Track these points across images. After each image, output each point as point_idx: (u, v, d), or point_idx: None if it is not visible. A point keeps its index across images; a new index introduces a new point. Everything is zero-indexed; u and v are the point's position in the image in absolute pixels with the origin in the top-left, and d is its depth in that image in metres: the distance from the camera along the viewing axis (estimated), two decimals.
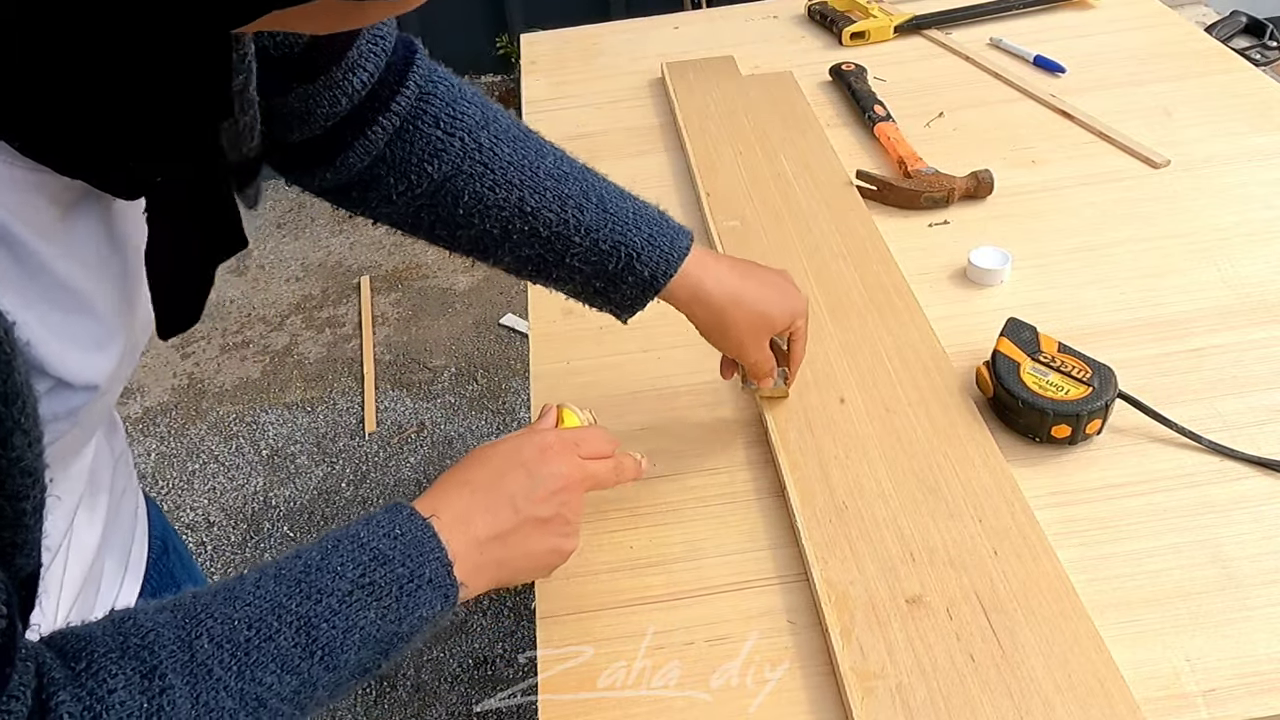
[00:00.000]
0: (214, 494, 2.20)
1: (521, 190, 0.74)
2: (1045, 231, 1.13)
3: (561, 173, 0.76)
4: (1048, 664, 0.68)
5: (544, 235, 0.75)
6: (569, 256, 0.76)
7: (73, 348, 0.50)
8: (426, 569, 0.58)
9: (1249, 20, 2.05)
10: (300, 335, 2.61)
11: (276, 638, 0.52)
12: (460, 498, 0.63)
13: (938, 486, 0.82)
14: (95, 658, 0.48)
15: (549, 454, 0.67)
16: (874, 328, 0.99)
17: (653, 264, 0.77)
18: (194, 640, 0.50)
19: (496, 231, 0.75)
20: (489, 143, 0.74)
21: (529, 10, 3.33)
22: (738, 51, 1.56)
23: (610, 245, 0.76)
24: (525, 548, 0.65)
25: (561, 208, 0.75)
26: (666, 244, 0.77)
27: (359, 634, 0.55)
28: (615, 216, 0.76)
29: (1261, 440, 0.85)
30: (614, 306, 0.81)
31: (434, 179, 0.74)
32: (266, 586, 0.54)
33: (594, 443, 0.71)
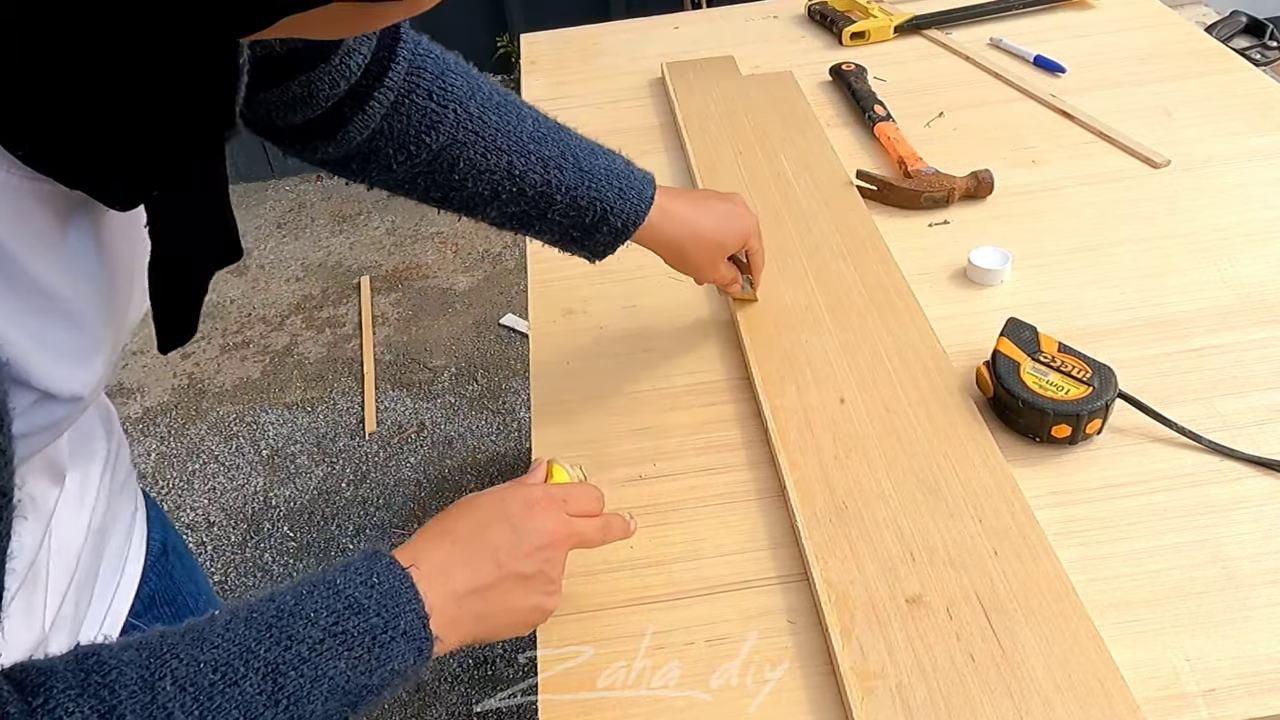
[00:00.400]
0: (214, 494, 2.20)
1: (510, 155, 0.80)
2: (1045, 231, 1.13)
3: (541, 134, 0.81)
4: (1048, 664, 0.68)
5: (529, 194, 0.81)
6: (551, 212, 0.83)
7: (58, 360, 0.50)
8: (401, 620, 0.57)
9: (1249, 20, 2.05)
10: (300, 335, 2.61)
11: (241, 683, 0.51)
12: (441, 548, 0.63)
13: (938, 486, 0.82)
14: (54, 694, 0.47)
15: (535, 509, 0.66)
16: (874, 328, 0.99)
17: (624, 215, 0.84)
18: (156, 682, 0.49)
19: (487, 193, 0.81)
20: (478, 111, 0.79)
21: (529, 10, 3.33)
22: (738, 51, 1.56)
23: (587, 201, 0.82)
24: (505, 603, 0.64)
25: (544, 169, 0.81)
26: (635, 195, 0.84)
27: (327, 684, 0.54)
28: (590, 174, 0.82)
29: (1261, 440, 0.85)
30: (588, 252, 0.88)
31: (431, 149, 0.78)
32: (236, 630, 0.53)
33: (582, 500, 0.71)
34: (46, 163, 0.46)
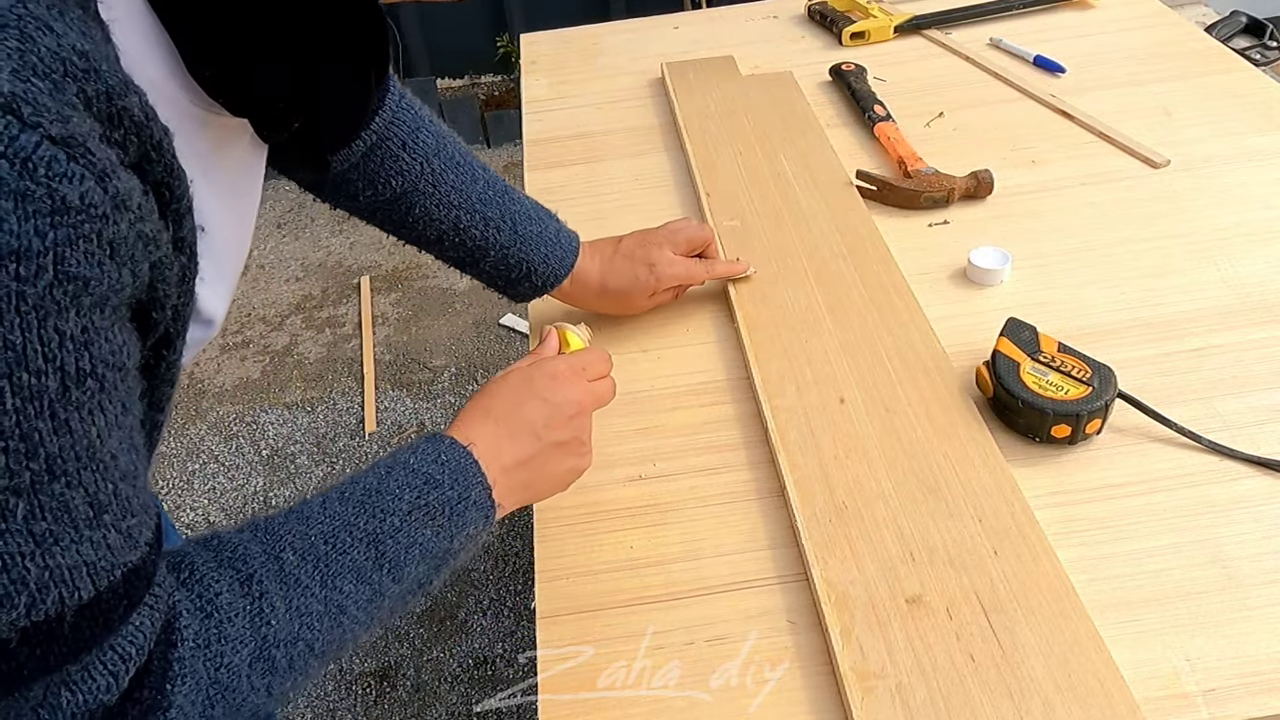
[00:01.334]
0: (214, 494, 2.20)
1: (457, 211, 0.92)
2: (1045, 231, 1.13)
3: (488, 197, 0.93)
4: (1048, 664, 0.68)
5: (468, 245, 0.94)
6: (483, 263, 0.95)
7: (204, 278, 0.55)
8: (472, 492, 0.65)
9: (1249, 20, 2.05)
10: (300, 335, 2.61)
11: (350, 551, 0.59)
12: (487, 427, 0.70)
13: (938, 486, 0.82)
14: (196, 566, 0.53)
15: (560, 382, 0.73)
16: (874, 328, 0.99)
17: (544, 276, 0.96)
18: (280, 553, 0.56)
19: (433, 236, 0.93)
20: (439, 168, 0.90)
21: (529, 10, 3.33)
22: (738, 51, 1.56)
23: (515, 260, 0.95)
24: (547, 470, 0.72)
25: (484, 228, 0.93)
26: (556, 262, 0.96)
27: (419, 549, 0.62)
28: (522, 238, 0.94)
29: (1261, 440, 0.85)
30: (510, 298, 1.00)
31: (394, 191, 0.89)
32: (333, 508, 0.60)
33: (597, 365, 0.78)
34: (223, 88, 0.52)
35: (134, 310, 0.45)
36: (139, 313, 0.46)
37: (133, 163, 0.43)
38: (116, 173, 0.41)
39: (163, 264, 0.45)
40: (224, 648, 0.52)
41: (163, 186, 0.46)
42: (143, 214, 0.43)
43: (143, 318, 0.46)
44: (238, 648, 0.53)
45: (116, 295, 0.42)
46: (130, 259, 0.42)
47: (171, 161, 0.46)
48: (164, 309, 0.47)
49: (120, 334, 0.43)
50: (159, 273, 0.45)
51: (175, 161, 0.46)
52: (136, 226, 0.42)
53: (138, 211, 0.42)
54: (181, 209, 0.47)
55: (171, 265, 0.46)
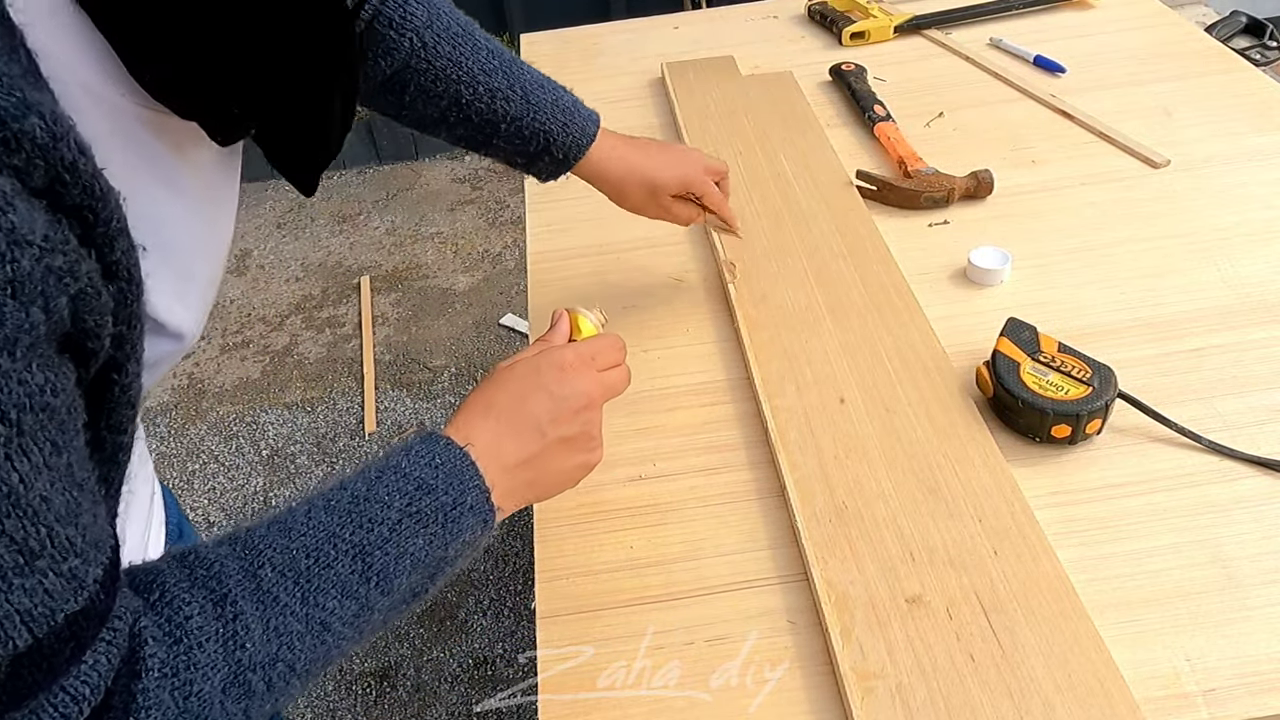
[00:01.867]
0: (214, 494, 2.20)
1: (458, 85, 0.85)
2: (1045, 231, 1.13)
3: (492, 67, 0.86)
4: (1048, 664, 0.68)
5: (475, 121, 0.87)
6: (496, 139, 0.89)
7: (166, 292, 0.53)
8: (468, 496, 0.61)
9: (1249, 20, 2.05)
10: (300, 335, 2.61)
11: (334, 565, 0.55)
12: (488, 424, 0.65)
13: (938, 486, 0.82)
14: (167, 588, 0.50)
15: (568, 373, 0.68)
16: (874, 328, 0.99)
17: (565, 147, 0.90)
18: (258, 570, 0.53)
19: (435, 115, 0.87)
20: (432, 41, 0.83)
21: (529, 10, 3.33)
22: (738, 51, 1.56)
23: (531, 131, 0.88)
24: (553, 467, 0.67)
25: (491, 99, 0.86)
26: (578, 130, 0.90)
27: (410, 559, 0.58)
28: (536, 106, 0.88)
29: (1261, 440, 0.85)
30: (535, 175, 0.94)
31: (385, 72, 0.83)
32: (318, 517, 0.56)
33: (608, 353, 0.72)
34: (166, 91, 0.48)
35: (61, 344, 0.42)
36: (69, 345, 0.43)
37: (39, 190, 0.40)
38: (13, 205, 0.38)
39: (86, 295, 0.42)
40: (194, 675, 0.49)
41: (83, 211, 0.42)
42: (52, 246, 0.40)
43: (75, 349, 0.43)
44: (209, 674, 0.50)
45: (27, 335, 0.39)
46: (40, 296, 0.39)
47: (91, 183, 0.42)
48: (99, 338, 0.44)
49: (41, 373, 0.40)
50: (83, 304, 0.42)
51: (97, 182, 0.42)
52: (44, 261, 0.39)
53: (44, 245, 0.39)
54: (111, 232, 0.43)
55: (99, 295, 0.43)
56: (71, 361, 0.43)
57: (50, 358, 0.41)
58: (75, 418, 0.43)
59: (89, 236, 0.42)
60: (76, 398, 0.43)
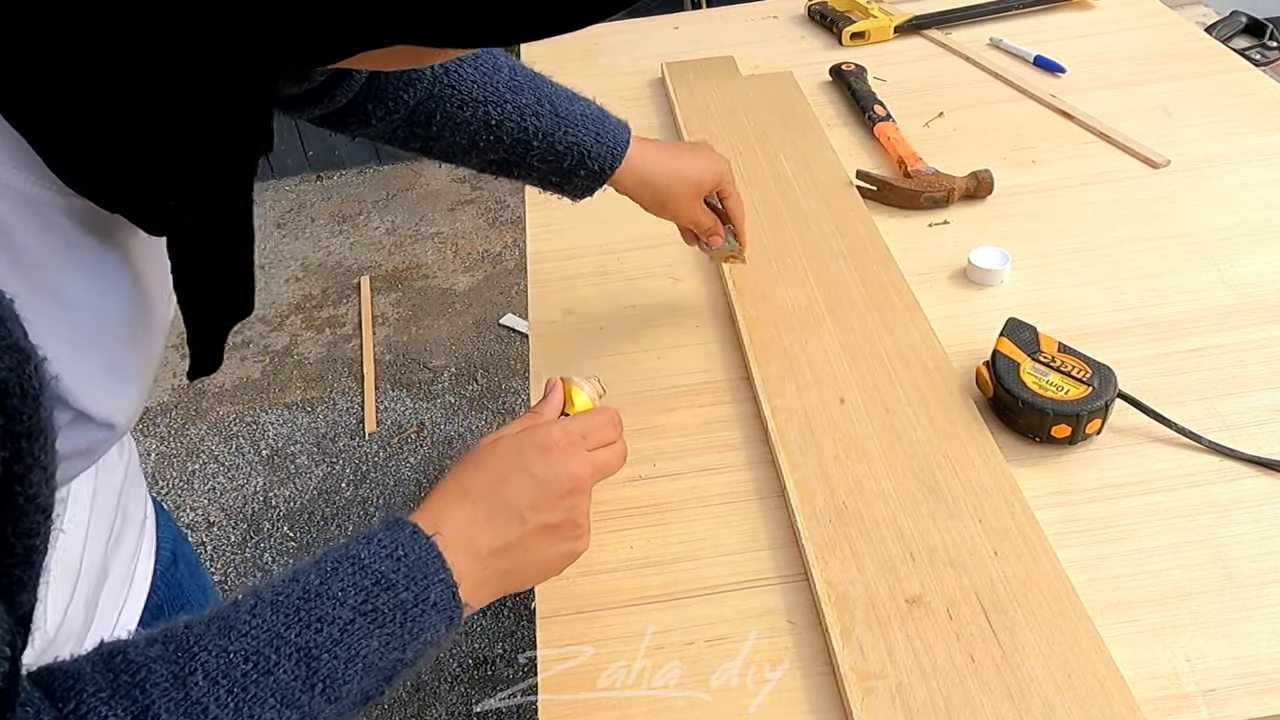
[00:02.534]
0: (214, 494, 2.20)
1: (485, 106, 0.82)
2: (1045, 231, 1.13)
3: (517, 84, 0.84)
4: (1048, 664, 0.68)
5: (507, 142, 0.84)
6: (529, 158, 0.85)
7: (89, 379, 0.49)
8: (431, 592, 0.56)
9: (1249, 20, 2.05)
10: (300, 335, 2.61)
11: (275, 671, 0.50)
12: (462, 510, 0.60)
13: (938, 487, 0.82)
14: (85, 698, 0.46)
15: (553, 454, 0.64)
16: (874, 328, 0.99)
17: (601, 158, 0.87)
18: (188, 677, 0.48)
19: (464, 142, 0.84)
20: (454, 65, 0.81)
21: None
22: (738, 51, 1.56)
23: (565, 146, 0.85)
24: (532, 556, 0.62)
25: (520, 117, 0.83)
26: (610, 139, 0.87)
27: (362, 663, 0.53)
28: (566, 119, 0.85)
29: (1261, 440, 0.85)
30: (568, 194, 0.90)
31: (409, 104, 0.81)
32: (263, 615, 0.51)
33: (601, 430, 0.68)
34: (85, 184, 0.45)
35: None
36: None
37: None
38: None
39: None
40: None
41: None
42: None
43: None
44: None
45: None
46: None
47: None
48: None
49: None
50: None
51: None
52: None
53: None
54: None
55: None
56: None
57: None
58: None
59: None
60: None
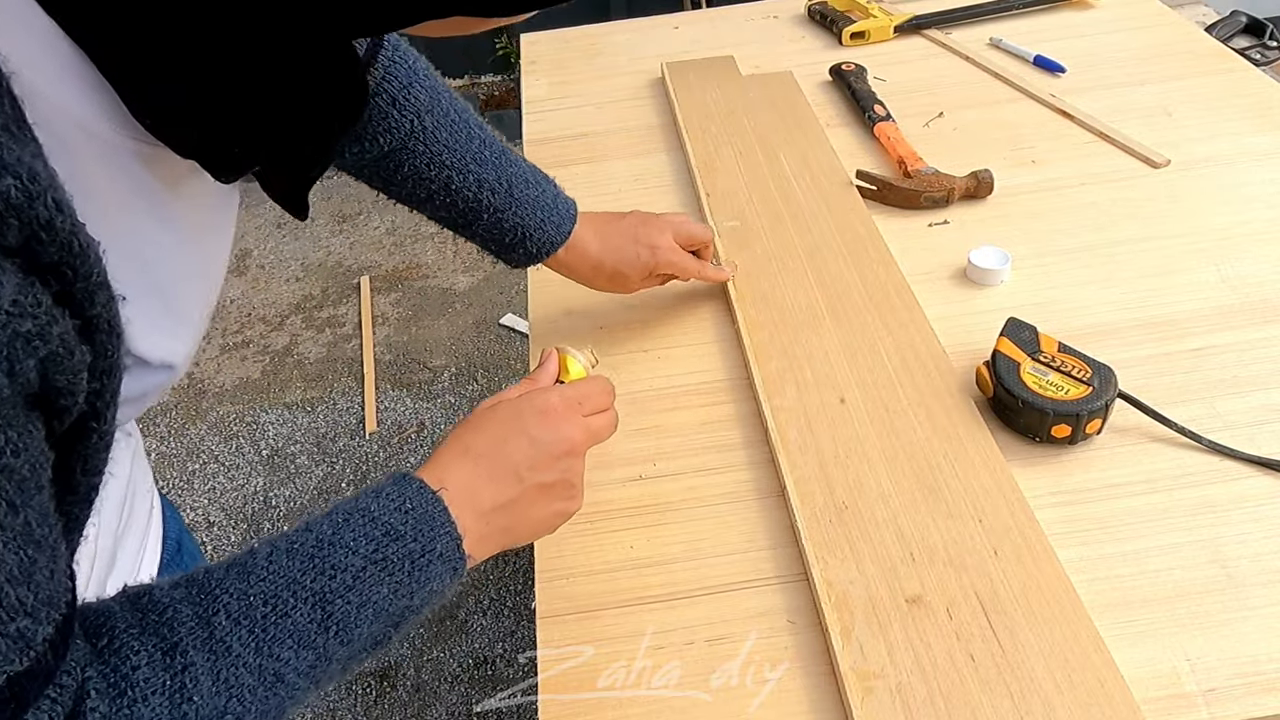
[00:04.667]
0: (214, 494, 2.20)
1: (449, 171, 0.87)
2: (1045, 231, 1.13)
3: (484, 158, 0.89)
4: (1048, 664, 0.68)
5: (460, 207, 0.89)
6: (476, 225, 0.91)
7: (150, 327, 0.51)
8: (438, 544, 0.59)
9: (1249, 20, 2.05)
10: (300, 335, 2.61)
11: (292, 614, 0.53)
12: (464, 467, 0.63)
13: (938, 486, 0.82)
14: (116, 634, 0.49)
15: (551, 418, 0.67)
16: (874, 328, 0.99)
17: (539, 243, 0.93)
18: (212, 617, 0.51)
19: (422, 195, 0.88)
20: (431, 126, 0.85)
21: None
22: (738, 51, 1.56)
23: (510, 225, 0.91)
24: (529, 514, 0.66)
25: (478, 189, 0.88)
26: (553, 228, 0.93)
27: (372, 608, 0.56)
28: (518, 201, 0.90)
29: (1261, 440, 0.85)
30: (508, 263, 0.96)
31: (382, 149, 0.84)
32: (279, 562, 0.54)
33: (595, 397, 0.71)
34: (164, 129, 0.47)
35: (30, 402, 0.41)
36: (39, 403, 0.42)
37: (12, 249, 0.39)
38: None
39: (58, 356, 0.41)
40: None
41: (60, 268, 0.41)
42: (21, 310, 0.39)
43: (46, 406, 0.42)
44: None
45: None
46: (4, 360, 0.38)
47: (69, 239, 0.41)
48: (73, 395, 0.43)
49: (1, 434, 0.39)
50: (54, 365, 0.41)
51: (76, 238, 0.41)
52: (10, 326, 0.38)
53: (11, 310, 0.38)
54: (90, 287, 0.43)
55: (71, 355, 0.42)
56: (42, 419, 0.42)
57: (13, 417, 0.40)
58: (39, 474, 0.42)
59: (66, 294, 0.42)
60: (42, 454, 0.42)
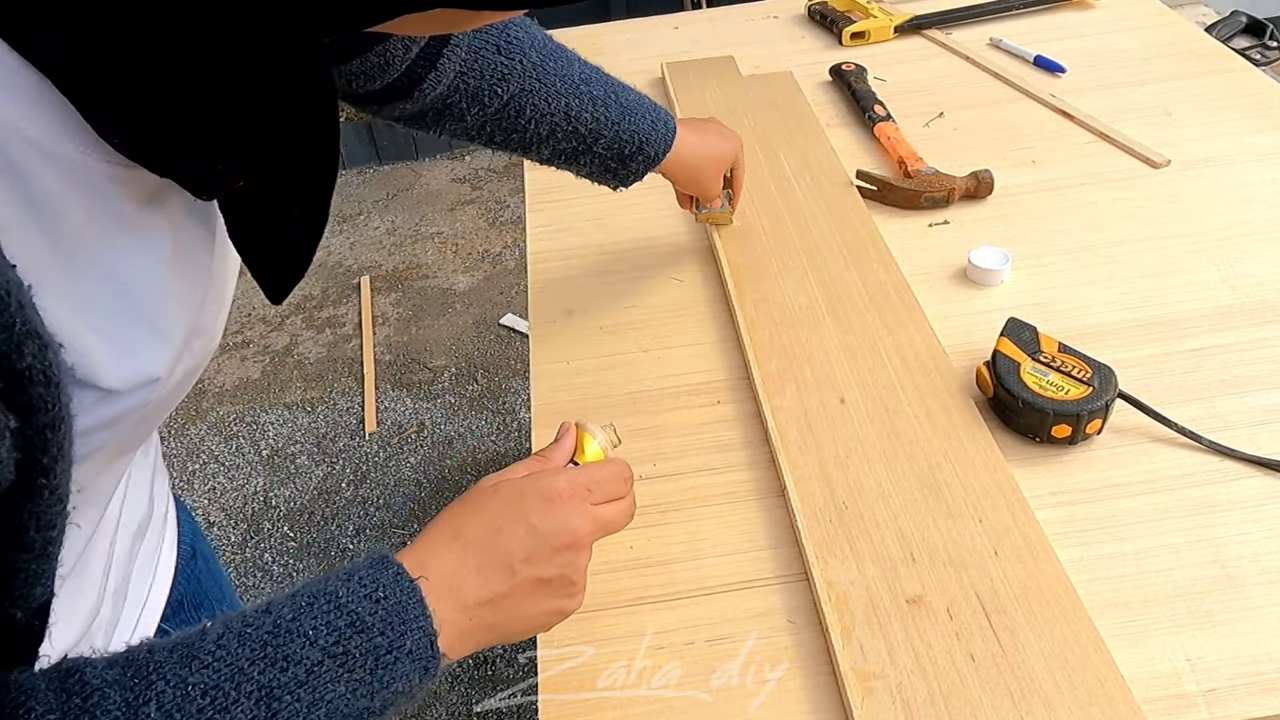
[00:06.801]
0: (214, 494, 2.20)
1: (567, 98, 0.87)
2: (1045, 231, 1.13)
3: (587, 76, 0.89)
4: (1048, 664, 0.68)
5: (580, 132, 0.89)
6: (597, 145, 0.91)
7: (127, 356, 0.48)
8: (408, 640, 0.53)
9: (1249, 20, 2.05)
10: (300, 335, 2.61)
11: (232, 709, 0.48)
12: (451, 553, 0.57)
13: (938, 487, 0.82)
14: (33, 716, 0.45)
15: (556, 505, 0.60)
16: (874, 328, 0.99)
17: (654, 145, 0.93)
18: (140, 707, 0.46)
19: (544, 132, 0.88)
20: (539, 60, 0.85)
21: (529, 10, 3.32)
22: (738, 51, 1.56)
23: (628, 135, 0.91)
24: (519, 611, 0.59)
25: (594, 108, 0.89)
26: (663, 128, 0.94)
27: (325, 708, 0.50)
28: (628, 110, 0.91)
29: (1261, 440, 0.85)
30: (619, 180, 0.96)
31: (502, 99, 0.85)
32: (229, 647, 0.49)
33: (609, 484, 0.64)
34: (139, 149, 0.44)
35: None
36: None
37: None
38: None
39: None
40: None
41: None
42: None
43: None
44: None
45: None
46: None
47: None
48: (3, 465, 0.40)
49: None
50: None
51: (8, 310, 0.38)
52: None
53: None
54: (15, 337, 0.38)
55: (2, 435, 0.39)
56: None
57: None
58: None
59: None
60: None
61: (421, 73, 0.80)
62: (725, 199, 1.09)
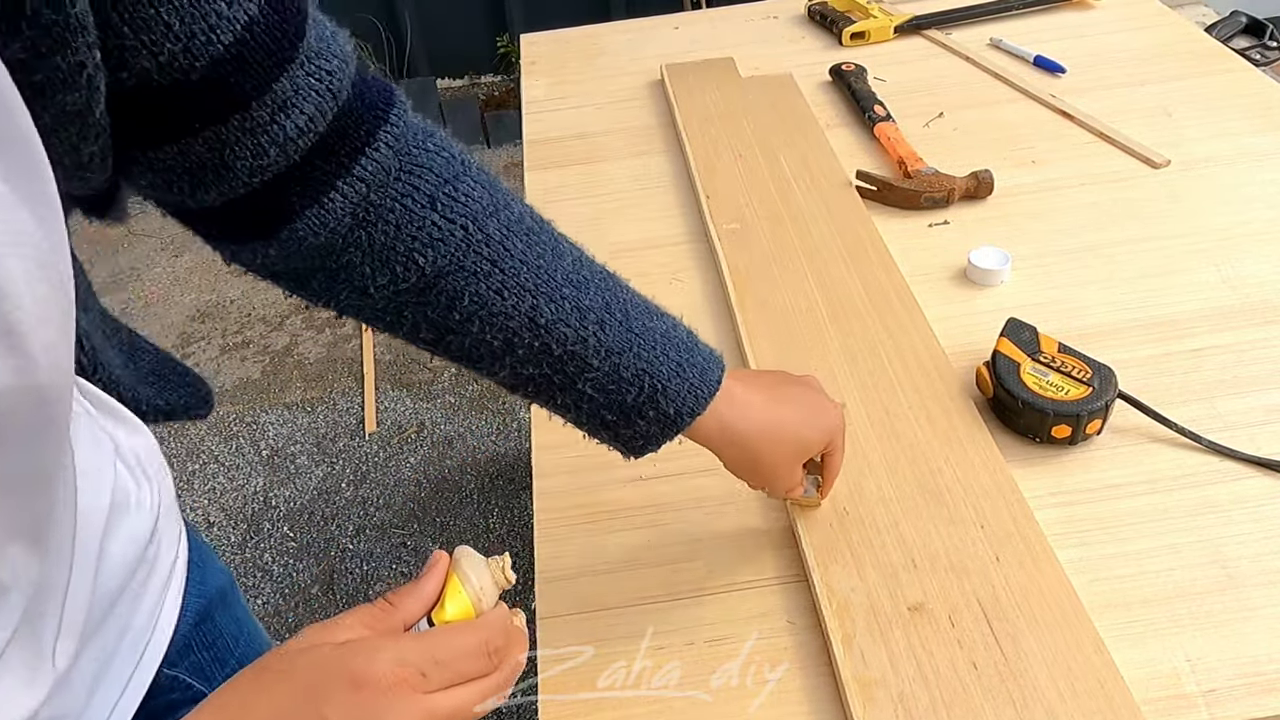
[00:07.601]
0: (214, 494, 2.20)
1: (535, 297, 0.60)
2: (1045, 231, 1.13)
3: (582, 278, 0.62)
4: (1051, 672, 0.68)
5: (556, 353, 0.61)
6: (581, 381, 0.62)
7: None
8: None
9: (1249, 20, 2.05)
10: (300, 335, 2.61)
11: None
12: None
13: (939, 491, 0.82)
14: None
15: (366, 696, 0.44)
16: (874, 330, 0.99)
17: (679, 399, 0.64)
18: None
19: (497, 343, 0.61)
20: (499, 235, 0.59)
21: (529, 10, 3.33)
22: (738, 52, 1.56)
23: (633, 373, 0.62)
24: None
25: (581, 322, 0.61)
26: (696, 376, 0.64)
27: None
28: (641, 338, 0.63)
29: (1261, 440, 0.85)
30: (622, 443, 0.67)
31: (425, 273, 0.58)
32: None
33: (460, 662, 0.48)
34: None
35: None
36: None
37: None
38: None
39: None
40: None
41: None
42: None
43: None
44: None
45: None
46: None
47: None
48: None
49: None
50: None
51: None
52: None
53: None
54: None
55: None
56: None
57: None
58: None
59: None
60: None
61: (294, 203, 0.53)
62: (813, 484, 0.78)
